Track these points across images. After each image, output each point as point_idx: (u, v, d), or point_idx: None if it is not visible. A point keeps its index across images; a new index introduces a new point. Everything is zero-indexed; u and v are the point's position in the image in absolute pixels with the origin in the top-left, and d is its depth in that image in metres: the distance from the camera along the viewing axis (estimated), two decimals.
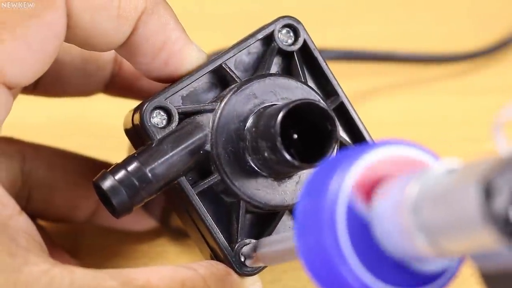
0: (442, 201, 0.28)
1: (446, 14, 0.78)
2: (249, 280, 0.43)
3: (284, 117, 0.38)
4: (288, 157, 0.38)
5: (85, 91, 0.52)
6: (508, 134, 0.28)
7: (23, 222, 0.39)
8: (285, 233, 0.43)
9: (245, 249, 0.42)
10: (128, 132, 0.45)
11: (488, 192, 0.25)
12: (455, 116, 0.69)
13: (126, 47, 0.43)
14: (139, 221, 0.55)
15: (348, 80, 0.49)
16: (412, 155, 0.31)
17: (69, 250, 0.52)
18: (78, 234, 0.57)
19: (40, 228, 0.46)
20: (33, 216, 0.41)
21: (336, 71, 0.46)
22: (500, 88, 0.72)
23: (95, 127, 0.63)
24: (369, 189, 0.30)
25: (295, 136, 0.41)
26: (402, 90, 0.71)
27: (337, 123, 0.39)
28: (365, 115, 0.47)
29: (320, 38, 0.48)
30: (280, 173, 0.42)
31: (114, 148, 0.43)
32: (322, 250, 0.30)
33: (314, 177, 0.32)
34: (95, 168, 0.42)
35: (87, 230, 0.57)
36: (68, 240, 0.56)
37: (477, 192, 0.26)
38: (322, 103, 0.39)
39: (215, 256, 0.44)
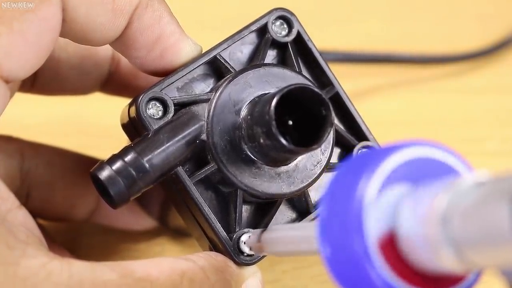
0: (472, 216, 0.27)
1: (446, 14, 0.78)
2: (248, 270, 0.43)
3: (278, 102, 0.38)
4: (283, 141, 0.38)
5: (82, 89, 0.52)
6: None
7: (22, 216, 0.39)
8: (293, 226, 0.43)
9: (249, 238, 0.42)
10: (125, 126, 0.45)
11: None
12: (455, 116, 0.70)
13: (121, 41, 0.43)
14: (138, 220, 0.55)
15: (347, 80, 0.49)
16: (438, 157, 0.31)
17: (68, 248, 0.52)
18: (77, 233, 0.57)
19: (39, 226, 0.46)
20: (32, 214, 0.41)
21: (336, 72, 0.46)
22: (500, 88, 0.72)
23: (93, 127, 0.64)
24: (396, 194, 0.30)
25: (290, 122, 0.41)
26: (402, 90, 0.71)
27: (331, 108, 0.39)
28: (365, 115, 0.47)
29: (320, 39, 0.48)
30: (277, 160, 0.42)
31: (113, 147, 0.43)
32: (350, 254, 0.29)
33: (338, 179, 0.31)
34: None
35: (86, 229, 0.57)
36: (67, 239, 0.56)
37: (509, 211, 0.25)
38: (316, 88, 0.39)
39: (214, 247, 0.44)
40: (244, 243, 0.42)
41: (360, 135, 0.46)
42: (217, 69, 0.44)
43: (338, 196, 0.31)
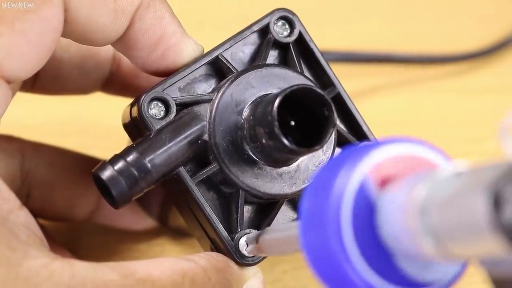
0: (450, 206, 0.27)
1: (446, 14, 0.78)
2: (250, 270, 0.43)
3: (281, 103, 0.38)
4: (285, 141, 0.38)
5: (83, 89, 0.52)
6: None
7: (23, 216, 0.39)
8: (287, 225, 0.43)
9: (247, 239, 0.42)
10: (126, 126, 0.45)
11: (497, 201, 0.25)
12: (455, 116, 0.70)
13: (123, 42, 0.43)
14: (138, 220, 0.55)
15: (347, 80, 0.49)
16: (419, 153, 0.31)
17: (69, 249, 0.52)
18: (77, 233, 0.57)
19: (40, 226, 0.46)
20: (33, 214, 0.41)
21: (336, 72, 0.46)
22: (500, 88, 0.72)
23: (94, 127, 0.64)
24: (376, 188, 0.30)
25: (292, 123, 0.41)
26: (402, 90, 0.71)
27: (334, 109, 0.39)
28: (365, 115, 0.47)
29: (320, 39, 0.48)
30: (279, 161, 0.42)
31: (113, 147, 0.43)
32: (327, 249, 0.29)
33: (320, 174, 0.32)
34: (94, 167, 0.42)
35: (87, 229, 0.57)
36: (67, 239, 0.56)
37: (486, 201, 0.25)
38: (318, 89, 0.39)
39: (215, 247, 0.44)
40: (245, 242, 0.42)
41: (361, 136, 0.46)
42: (219, 70, 0.44)
43: (317, 194, 0.31)
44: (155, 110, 0.42)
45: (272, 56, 0.45)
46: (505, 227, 0.25)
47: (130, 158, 0.40)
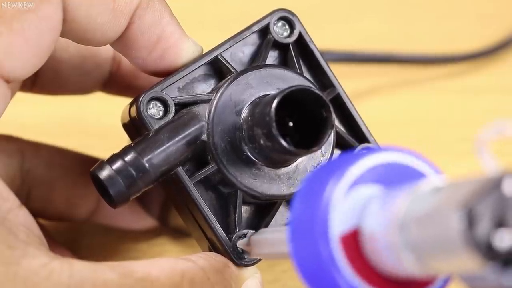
0: (427, 222, 0.28)
1: (446, 14, 0.78)
2: (248, 271, 0.43)
3: (279, 104, 0.38)
4: (283, 142, 0.38)
5: (83, 89, 0.52)
6: (490, 152, 0.28)
7: (22, 216, 0.39)
8: (278, 230, 0.43)
9: (240, 242, 0.42)
10: (125, 126, 0.45)
11: (470, 219, 0.26)
12: (455, 116, 0.69)
13: (122, 42, 0.43)
14: (138, 220, 0.55)
15: (347, 80, 0.49)
16: (406, 162, 0.32)
17: (68, 248, 0.52)
18: (77, 232, 0.57)
19: (40, 226, 0.46)
20: (33, 214, 0.41)
21: (336, 72, 0.46)
22: (500, 88, 0.72)
23: (94, 127, 0.64)
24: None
25: (291, 124, 0.41)
26: (402, 90, 0.71)
27: (332, 110, 0.39)
28: (364, 115, 0.47)
29: (320, 39, 0.48)
30: (277, 161, 0.42)
31: (113, 147, 0.43)
32: (316, 258, 0.30)
33: (308, 183, 0.32)
34: None
35: (87, 229, 0.57)
36: (67, 239, 0.56)
37: (459, 218, 0.26)
38: (317, 90, 0.39)
39: (213, 248, 0.44)
40: (242, 243, 0.42)
41: (361, 137, 0.46)
42: (218, 70, 0.44)
43: (307, 199, 0.31)
44: (154, 110, 0.42)
45: (272, 56, 0.45)
46: (478, 244, 0.26)
47: (128, 157, 0.40)
